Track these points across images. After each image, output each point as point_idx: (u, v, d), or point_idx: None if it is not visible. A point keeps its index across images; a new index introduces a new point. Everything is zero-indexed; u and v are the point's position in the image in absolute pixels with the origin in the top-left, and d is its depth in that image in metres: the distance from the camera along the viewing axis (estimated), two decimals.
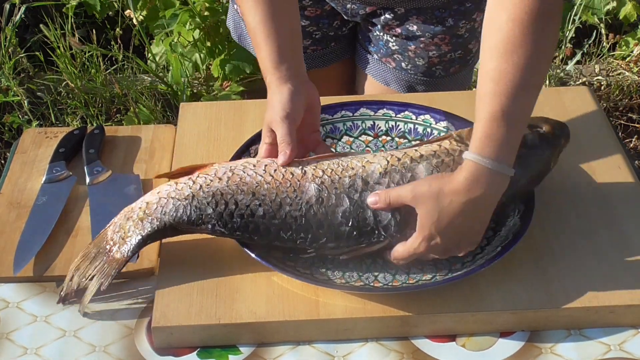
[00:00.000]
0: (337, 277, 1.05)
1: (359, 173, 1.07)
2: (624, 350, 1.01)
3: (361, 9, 1.45)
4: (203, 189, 1.08)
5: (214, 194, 1.07)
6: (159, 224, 1.07)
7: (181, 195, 1.07)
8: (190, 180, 1.09)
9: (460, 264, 1.06)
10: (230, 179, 1.08)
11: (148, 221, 1.07)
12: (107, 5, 2.84)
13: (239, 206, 1.06)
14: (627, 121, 2.72)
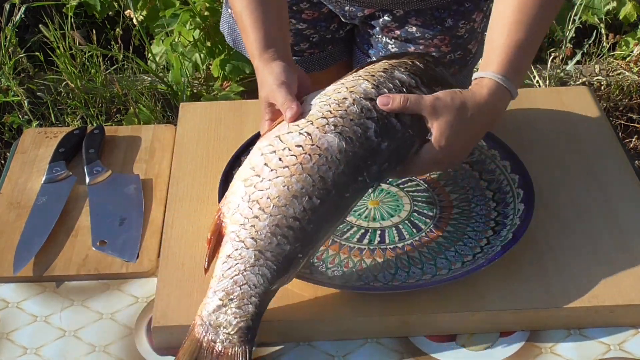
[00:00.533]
0: (337, 277, 1.05)
1: (356, 97, 1.05)
2: (623, 350, 1.01)
3: (359, 12, 1.44)
4: (258, 239, 0.95)
5: (272, 234, 0.95)
6: (258, 298, 0.95)
7: (248, 263, 0.95)
8: (235, 242, 0.96)
9: (460, 264, 1.06)
10: (261, 206, 0.96)
11: (244, 304, 0.95)
12: (107, 5, 2.84)
13: (299, 218, 0.96)
14: (627, 121, 2.72)
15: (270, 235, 0.95)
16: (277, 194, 0.97)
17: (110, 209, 1.19)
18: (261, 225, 0.96)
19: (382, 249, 1.09)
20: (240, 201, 0.99)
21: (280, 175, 0.98)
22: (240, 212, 0.98)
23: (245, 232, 0.96)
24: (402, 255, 1.08)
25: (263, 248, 0.95)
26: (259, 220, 0.96)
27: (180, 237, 1.12)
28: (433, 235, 1.11)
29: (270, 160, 1.00)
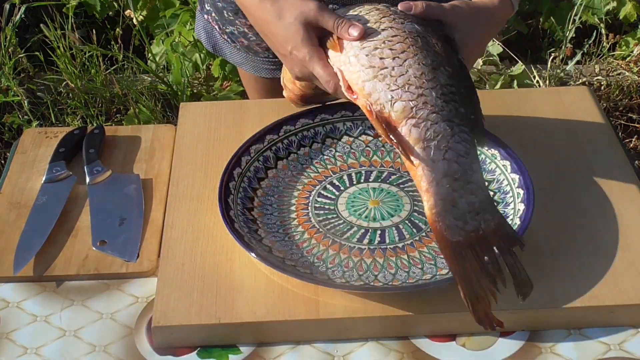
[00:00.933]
0: (337, 277, 1.05)
1: (386, 7, 1.07)
2: (623, 349, 1.01)
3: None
4: (439, 111, 0.96)
5: (445, 102, 0.97)
6: (474, 161, 0.97)
7: (448, 135, 0.95)
8: (420, 124, 0.95)
9: None
10: (416, 85, 0.97)
11: (469, 175, 0.95)
12: (107, 5, 2.84)
13: (449, 83, 0.99)
14: (627, 121, 2.72)
15: (445, 103, 0.96)
16: (419, 71, 0.98)
17: (110, 209, 1.19)
18: (431, 99, 0.96)
19: (382, 248, 1.09)
20: (391, 92, 0.98)
21: (407, 58, 0.99)
22: (399, 100, 0.97)
23: (422, 111, 0.96)
24: (402, 255, 1.09)
25: (448, 116, 0.96)
26: (425, 96, 0.97)
27: (180, 237, 1.12)
28: (433, 235, 1.11)
29: (383, 54, 1.00)
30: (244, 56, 1.55)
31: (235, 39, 1.52)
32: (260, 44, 1.51)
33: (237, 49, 1.54)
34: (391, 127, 0.97)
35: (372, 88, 1.00)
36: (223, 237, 1.11)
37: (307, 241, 1.11)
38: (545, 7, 2.87)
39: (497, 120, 1.30)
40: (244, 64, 1.56)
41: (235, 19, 1.48)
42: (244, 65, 1.57)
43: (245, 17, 1.45)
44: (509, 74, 2.65)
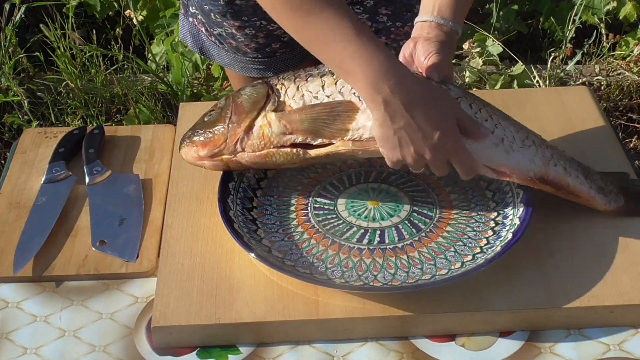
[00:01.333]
0: (337, 277, 1.05)
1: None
2: (623, 350, 1.01)
3: None
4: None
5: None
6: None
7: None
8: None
9: (459, 264, 1.06)
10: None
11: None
12: (107, 5, 2.84)
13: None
14: (627, 121, 2.72)
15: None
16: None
17: (110, 209, 1.19)
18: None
19: (381, 249, 1.09)
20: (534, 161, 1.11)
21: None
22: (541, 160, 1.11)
23: (555, 158, 1.12)
24: (401, 255, 1.08)
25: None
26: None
27: (180, 237, 1.12)
28: (433, 236, 1.11)
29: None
30: (233, 57, 1.54)
31: (224, 40, 1.52)
32: (248, 45, 1.51)
33: (225, 50, 1.54)
34: (554, 181, 1.11)
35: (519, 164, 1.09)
36: (222, 237, 1.11)
37: (307, 241, 1.11)
38: (545, 7, 2.86)
39: None
40: (233, 64, 1.56)
41: (223, 20, 1.47)
42: (233, 66, 1.56)
43: (232, 19, 1.45)
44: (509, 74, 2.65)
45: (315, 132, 1.09)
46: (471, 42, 2.67)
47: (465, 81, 2.68)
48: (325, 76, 1.12)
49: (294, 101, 1.11)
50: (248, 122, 1.12)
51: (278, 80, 1.15)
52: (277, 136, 1.11)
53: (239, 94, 1.15)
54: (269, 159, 1.12)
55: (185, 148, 1.16)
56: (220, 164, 1.14)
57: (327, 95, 1.10)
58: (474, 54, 2.68)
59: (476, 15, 2.91)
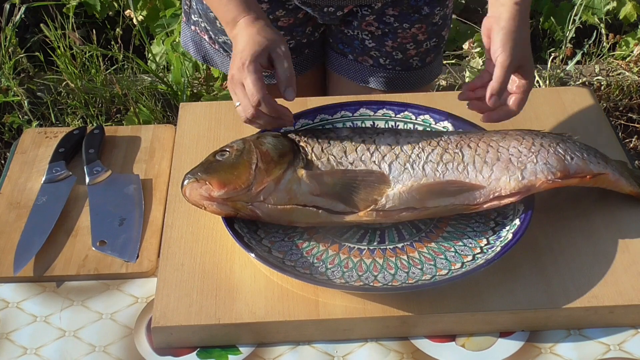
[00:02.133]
0: (337, 277, 1.05)
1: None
2: (623, 350, 1.01)
3: (339, 11, 1.45)
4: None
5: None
6: None
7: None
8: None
9: (460, 264, 1.06)
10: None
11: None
12: (107, 5, 2.84)
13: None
14: (627, 121, 2.72)
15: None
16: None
17: (110, 209, 1.19)
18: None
19: (382, 249, 1.09)
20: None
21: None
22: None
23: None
24: (401, 255, 1.08)
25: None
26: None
27: (180, 237, 1.12)
28: (433, 236, 1.11)
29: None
30: None
31: (228, 48, 1.52)
32: None
33: (230, 57, 1.54)
34: (578, 173, 1.13)
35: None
36: (223, 237, 1.11)
37: (307, 241, 1.10)
38: (545, 7, 2.87)
39: None
40: None
41: None
42: None
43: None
44: None
45: (344, 199, 1.08)
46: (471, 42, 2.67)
47: (466, 81, 2.68)
48: (345, 141, 1.14)
49: (322, 162, 1.11)
50: (278, 173, 1.08)
51: (300, 137, 1.14)
52: (304, 194, 1.08)
53: (262, 142, 1.12)
54: (288, 214, 1.08)
55: (194, 184, 1.08)
56: (229, 209, 1.08)
57: (350, 162, 1.11)
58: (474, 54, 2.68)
59: (476, 15, 2.91)
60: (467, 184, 1.09)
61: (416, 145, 1.13)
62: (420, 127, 1.24)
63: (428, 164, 1.11)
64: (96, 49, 2.67)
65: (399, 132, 1.16)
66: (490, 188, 1.09)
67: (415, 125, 1.25)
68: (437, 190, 1.09)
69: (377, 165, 1.11)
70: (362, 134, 1.15)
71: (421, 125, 1.24)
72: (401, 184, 1.09)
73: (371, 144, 1.13)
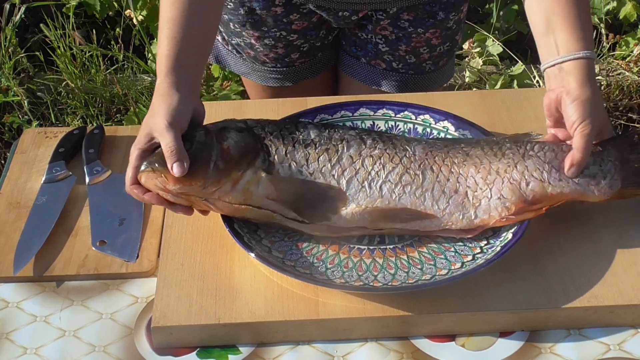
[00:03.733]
0: (337, 277, 1.05)
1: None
2: (623, 350, 1.01)
3: (354, 15, 1.44)
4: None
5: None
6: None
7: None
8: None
9: (460, 264, 1.06)
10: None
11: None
12: (107, 5, 2.84)
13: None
14: (627, 121, 2.72)
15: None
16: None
17: (110, 209, 1.19)
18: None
19: (381, 249, 1.09)
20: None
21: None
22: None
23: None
24: (401, 255, 1.08)
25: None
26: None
27: (180, 237, 1.12)
28: (433, 236, 1.11)
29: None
30: (251, 66, 1.54)
31: (242, 50, 1.52)
32: (267, 55, 1.50)
33: (243, 59, 1.53)
34: (536, 200, 1.09)
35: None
36: (223, 237, 1.11)
37: (307, 241, 1.10)
38: None
39: (497, 120, 1.30)
40: (251, 73, 1.55)
41: (242, 30, 1.47)
42: (251, 75, 1.56)
43: (252, 29, 1.45)
44: (509, 74, 2.65)
45: (298, 209, 1.08)
46: (471, 42, 2.67)
47: (465, 81, 2.68)
48: (309, 147, 1.11)
49: (282, 167, 1.09)
50: (236, 175, 1.06)
51: (265, 134, 1.11)
52: (260, 197, 1.07)
53: (225, 136, 1.09)
54: (243, 213, 1.08)
55: (149, 174, 1.05)
56: (183, 201, 1.07)
57: (310, 173, 1.10)
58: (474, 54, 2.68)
59: (476, 15, 2.91)
60: (420, 214, 1.08)
61: (378, 160, 1.11)
62: (420, 128, 1.24)
63: (386, 184, 1.10)
64: (96, 49, 2.67)
65: (364, 140, 1.13)
66: (443, 220, 1.08)
67: (415, 126, 1.24)
68: (390, 216, 1.08)
69: (335, 180, 1.10)
70: (328, 142, 1.12)
71: (421, 126, 1.24)
72: (355, 204, 1.08)
73: (334, 155, 1.11)
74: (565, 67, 1.13)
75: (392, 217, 1.09)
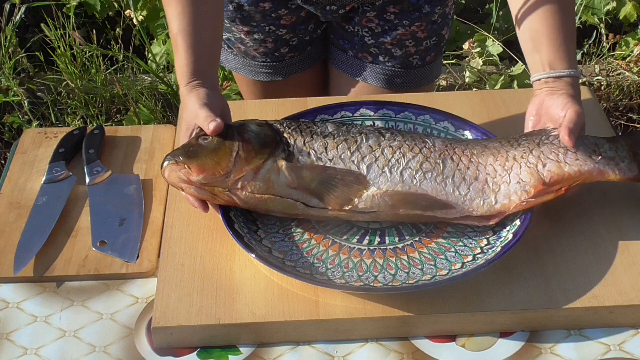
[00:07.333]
0: (337, 278, 1.05)
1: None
2: (623, 350, 1.01)
3: (341, 9, 1.45)
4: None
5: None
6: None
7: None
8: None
9: (460, 264, 1.06)
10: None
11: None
12: (107, 5, 2.84)
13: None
14: (627, 121, 2.72)
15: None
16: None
17: (110, 209, 1.19)
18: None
19: (382, 249, 1.09)
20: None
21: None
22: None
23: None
24: (402, 255, 1.08)
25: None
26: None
27: (180, 237, 1.12)
28: (433, 236, 1.11)
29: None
30: (241, 61, 1.55)
31: (232, 45, 1.53)
32: (257, 49, 1.51)
33: (234, 54, 1.55)
34: (555, 181, 1.11)
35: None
36: (223, 237, 1.11)
37: (307, 242, 1.10)
38: None
39: (497, 120, 1.30)
40: (241, 68, 1.57)
41: (232, 25, 1.48)
42: (241, 70, 1.57)
43: (241, 24, 1.46)
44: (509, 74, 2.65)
45: (320, 195, 1.09)
46: (471, 42, 2.67)
47: (465, 81, 2.68)
48: (327, 137, 1.13)
49: (302, 156, 1.11)
50: (258, 162, 1.09)
51: (284, 128, 1.14)
52: (281, 186, 1.09)
53: (245, 130, 1.12)
54: (265, 203, 1.09)
55: (173, 166, 1.08)
56: (207, 194, 1.09)
57: (329, 159, 1.11)
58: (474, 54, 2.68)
59: (476, 15, 2.91)
60: (440, 202, 1.09)
61: (398, 150, 1.12)
62: (420, 128, 1.24)
63: (407, 170, 1.10)
64: (96, 48, 2.67)
65: (383, 134, 1.15)
66: (463, 207, 1.09)
67: (415, 126, 1.24)
68: (410, 200, 1.09)
69: (355, 165, 1.11)
70: (346, 133, 1.14)
71: (421, 126, 1.24)
72: (376, 187, 1.09)
73: (353, 144, 1.13)
74: (549, 81, 1.16)
75: (412, 202, 1.09)
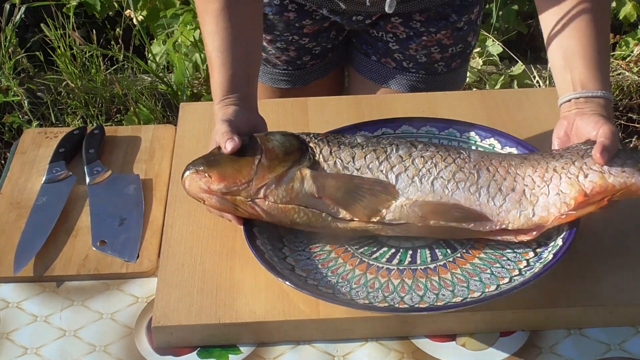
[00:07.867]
0: (361, 298, 1.01)
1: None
2: (624, 349, 1.01)
3: (367, 19, 1.45)
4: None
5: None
6: None
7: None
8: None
9: (495, 286, 1.02)
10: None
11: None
12: (107, 5, 2.84)
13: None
14: (627, 121, 2.72)
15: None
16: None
17: (110, 209, 1.19)
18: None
19: (412, 269, 1.05)
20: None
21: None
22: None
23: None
24: (433, 276, 1.03)
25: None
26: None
27: (180, 237, 1.12)
28: (469, 257, 1.06)
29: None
30: (262, 69, 1.54)
31: None
32: (279, 57, 1.51)
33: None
34: (597, 193, 1.04)
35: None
36: (223, 237, 1.11)
37: (334, 260, 1.06)
38: None
39: (497, 120, 1.30)
40: (261, 76, 1.55)
41: None
42: (261, 77, 1.56)
43: (264, 33, 1.45)
44: (509, 74, 2.65)
45: (346, 205, 1.04)
46: None
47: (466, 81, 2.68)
48: (355, 147, 1.08)
49: (328, 165, 1.06)
50: (281, 170, 1.05)
51: (310, 138, 1.10)
52: (305, 195, 1.04)
53: (269, 139, 1.09)
54: (289, 214, 1.05)
55: (194, 175, 1.06)
56: (228, 204, 1.05)
57: (357, 169, 1.06)
58: (474, 54, 2.68)
59: None
60: (473, 213, 1.03)
61: (430, 160, 1.06)
62: (465, 146, 1.19)
63: (438, 180, 1.05)
64: (96, 49, 2.67)
65: (415, 145, 1.09)
66: (499, 219, 1.03)
67: (460, 143, 1.19)
68: (441, 211, 1.04)
69: (383, 174, 1.05)
70: (376, 144, 1.09)
71: (465, 144, 1.19)
72: (405, 197, 1.04)
73: (382, 154, 1.07)
74: (580, 102, 1.11)
75: (444, 213, 1.03)
